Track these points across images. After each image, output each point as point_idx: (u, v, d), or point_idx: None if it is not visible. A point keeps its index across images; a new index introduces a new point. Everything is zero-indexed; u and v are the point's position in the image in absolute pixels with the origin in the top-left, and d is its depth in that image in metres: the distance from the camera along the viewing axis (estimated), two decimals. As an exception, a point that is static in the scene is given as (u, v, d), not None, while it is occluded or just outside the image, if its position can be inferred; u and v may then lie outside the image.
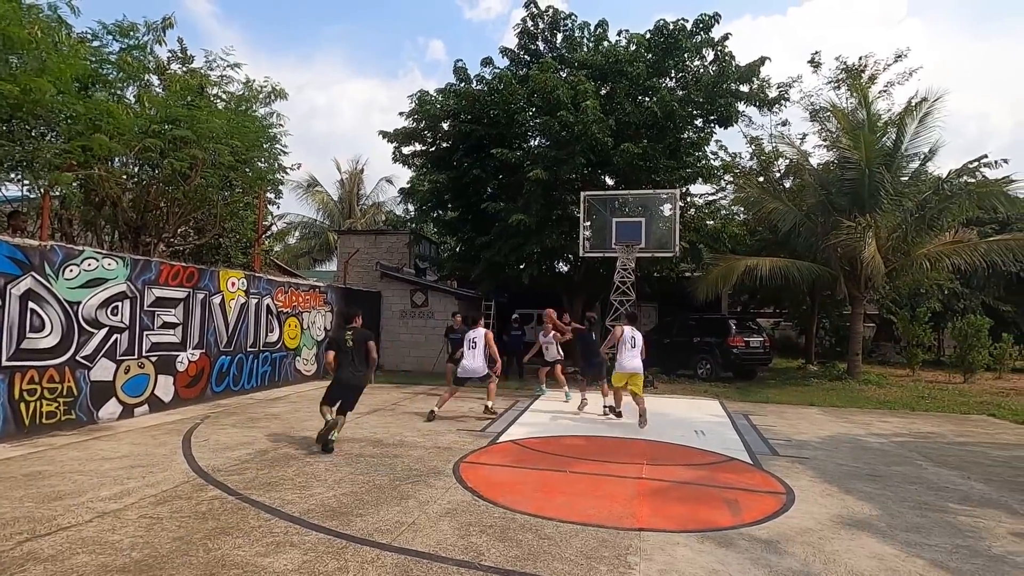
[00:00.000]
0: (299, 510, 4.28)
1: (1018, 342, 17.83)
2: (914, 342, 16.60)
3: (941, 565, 3.55)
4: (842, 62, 18.20)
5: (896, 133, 13.84)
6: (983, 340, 15.37)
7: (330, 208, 31.11)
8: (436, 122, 15.66)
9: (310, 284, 12.97)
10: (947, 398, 11.59)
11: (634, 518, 4.28)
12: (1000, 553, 3.76)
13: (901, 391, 12.54)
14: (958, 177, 15.03)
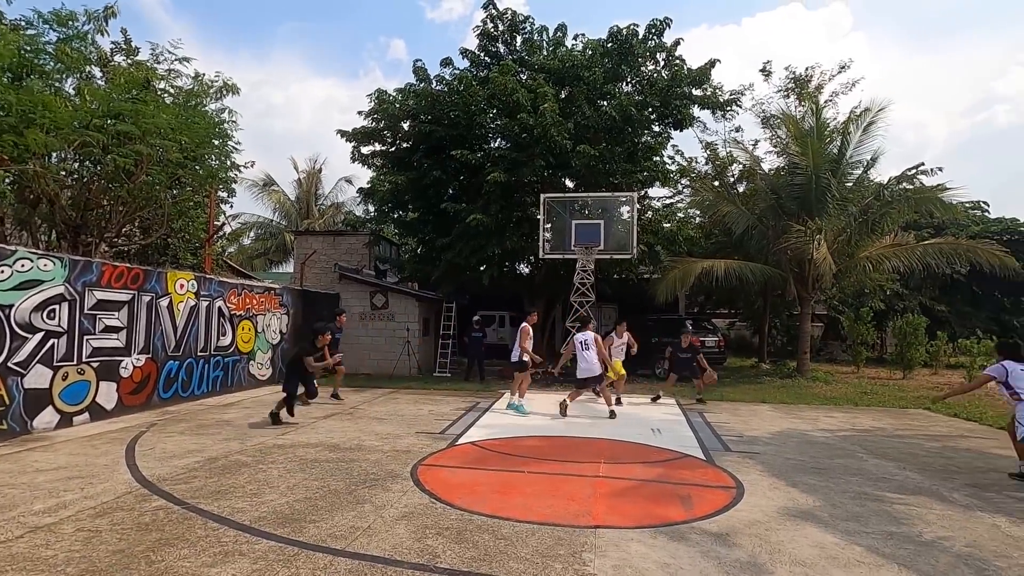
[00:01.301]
0: (250, 518, 4.16)
1: (951, 340, 18.92)
2: (858, 341, 17.40)
3: (877, 551, 3.73)
4: (791, 72, 18.97)
5: (841, 141, 14.49)
6: (920, 338, 16.25)
7: (287, 208, 30.37)
8: (396, 122, 15.50)
9: (265, 286, 12.62)
10: (888, 393, 12.20)
11: (590, 516, 4.33)
12: (931, 539, 3.98)
13: (846, 387, 13.12)
14: (898, 184, 15.88)
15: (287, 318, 12.95)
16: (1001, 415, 9.54)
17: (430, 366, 15.57)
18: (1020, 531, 4.17)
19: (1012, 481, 5.60)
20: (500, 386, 12.71)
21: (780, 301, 19.50)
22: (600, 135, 14.20)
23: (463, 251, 14.17)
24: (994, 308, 21.05)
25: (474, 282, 15.26)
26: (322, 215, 30.54)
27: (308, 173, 31.64)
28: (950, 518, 4.43)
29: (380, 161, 16.67)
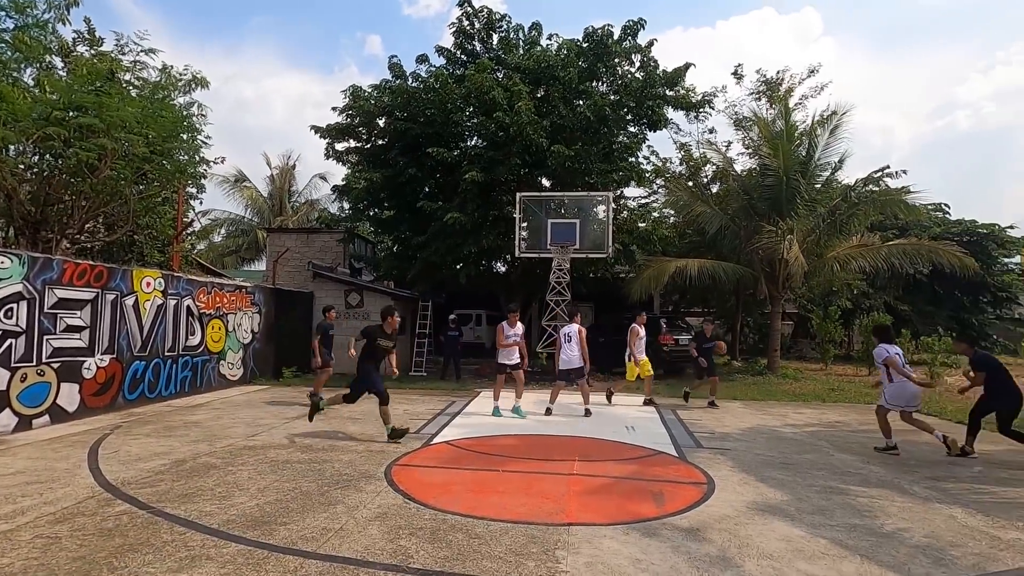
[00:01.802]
0: (218, 521, 4.07)
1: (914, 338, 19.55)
2: (827, 339, 17.84)
3: (840, 543, 3.84)
4: (762, 75, 19.34)
5: (809, 143, 14.83)
6: (885, 336, 16.72)
7: (259, 205, 29.79)
8: (371, 119, 15.35)
9: (235, 284, 12.37)
10: (854, 390, 12.54)
11: (564, 514, 4.36)
12: (891, 531, 4.11)
13: (815, 384, 13.44)
14: (864, 186, 16.34)
15: (259, 317, 12.72)
16: (962, 408, 9.90)
17: (406, 365, 15.44)
18: (975, 521, 4.33)
19: (973, 472, 5.81)
20: (476, 385, 12.70)
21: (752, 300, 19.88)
22: (576, 135, 14.28)
23: (439, 249, 14.10)
24: (954, 307, 21.80)
25: (450, 281, 15.21)
26: (296, 212, 30.05)
27: (281, 169, 31.09)
28: (910, 510, 4.58)
29: (355, 158, 16.49)
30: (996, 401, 6.28)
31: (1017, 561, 3.60)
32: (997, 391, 6.27)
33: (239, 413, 8.73)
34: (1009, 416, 6.19)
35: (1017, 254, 25.05)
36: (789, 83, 19.15)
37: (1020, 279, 23.99)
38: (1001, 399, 6.22)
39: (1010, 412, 6.18)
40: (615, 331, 15.81)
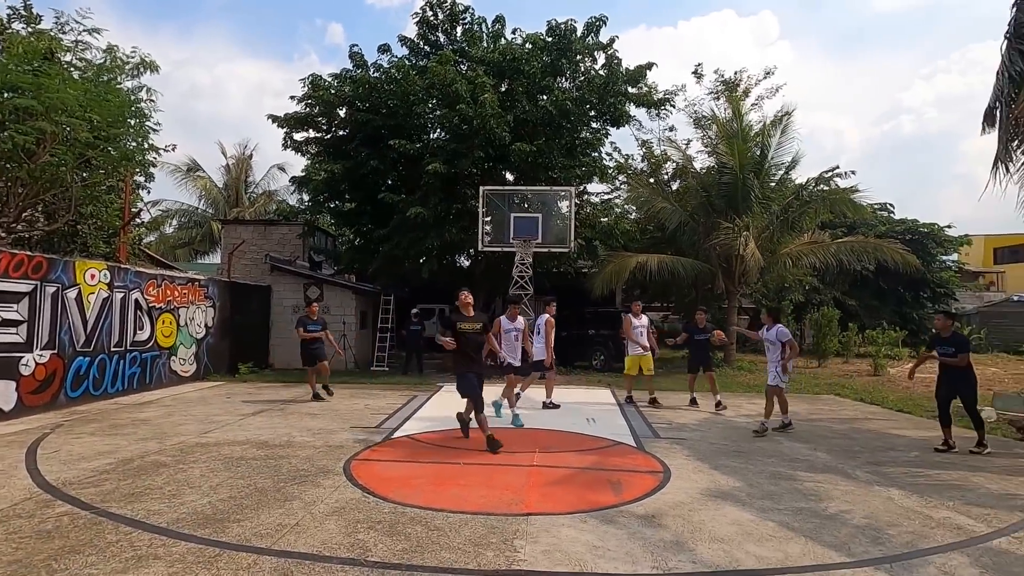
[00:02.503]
0: (167, 520, 3.94)
1: (860, 331, 20.47)
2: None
3: (787, 526, 4.00)
4: (720, 75, 19.81)
5: (763, 143, 15.31)
6: (834, 330, 17.51)
7: (214, 195, 28.74)
8: (331, 109, 15.02)
9: (188, 277, 11.93)
10: (804, 381, 13.05)
11: (523, 504, 4.39)
12: (834, 513, 4.31)
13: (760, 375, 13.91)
14: (816, 185, 16.97)
15: (213, 311, 12.31)
16: (903, 398, 10.45)
17: (367, 360, 15.26)
18: (910, 502, 4.59)
19: (910, 457, 6.14)
20: (439, 379, 12.64)
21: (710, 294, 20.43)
22: (539, 129, 14.33)
23: (401, 243, 13.94)
24: (897, 302, 22.91)
25: (413, 274, 15.07)
26: (252, 204, 29.13)
27: (237, 159, 30.07)
28: (852, 493, 4.81)
29: (315, 149, 16.11)
30: (964, 385, 6.33)
31: (947, 538, 3.83)
32: (965, 375, 6.33)
33: (191, 410, 8.45)
34: (976, 398, 6.38)
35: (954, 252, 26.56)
36: (746, 84, 19.69)
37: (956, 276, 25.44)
38: (968, 383, 6.33)
39: (976, 395, 6.39)
40: (577, 325, 16.01)
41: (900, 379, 14.00)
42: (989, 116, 7.50)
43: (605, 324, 15.31)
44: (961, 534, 3.90)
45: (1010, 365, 17.38)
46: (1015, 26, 6.94)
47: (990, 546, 3.71)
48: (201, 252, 28.65)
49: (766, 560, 3.44)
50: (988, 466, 5.78)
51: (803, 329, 23.73)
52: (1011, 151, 7.22)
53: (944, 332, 6.57)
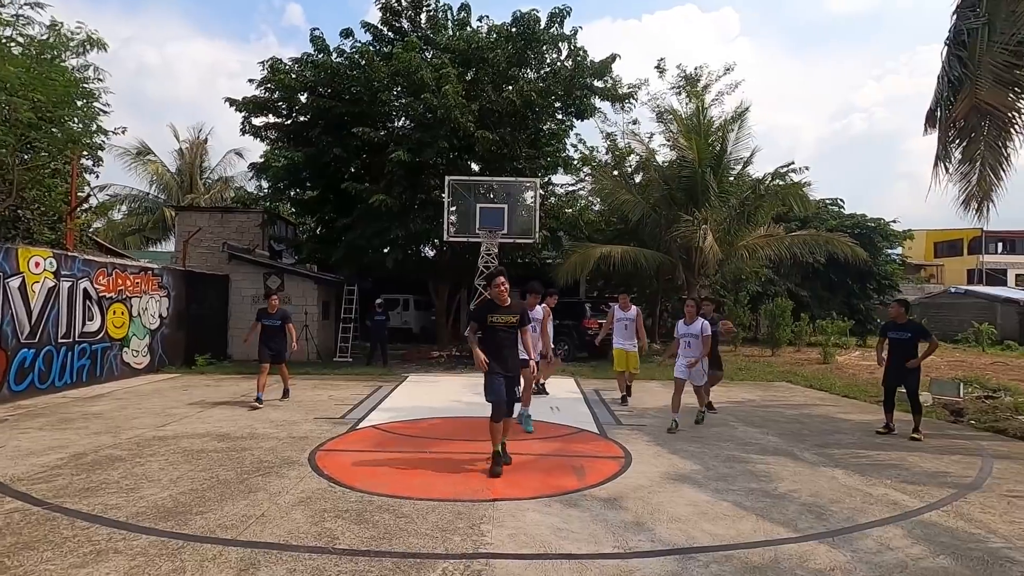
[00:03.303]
0: (126, 514, 3.86)
1: (812, 321, 21.37)
2: (737, 322, 19.15)
3: (740, 505, 4.22)
4: (682, 70, 20.16)
5: (723, 138, 15.72)
6: (787, 320, 18.23)
7: (167, 181, 27.59)
8: (292, 94, 14.62)
9: (141, 266, 11.49)
10: (759, 369, 13.59)
11: (489, 491, 4.48)
12: (783, 492, 4.56)
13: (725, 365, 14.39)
14: (772, 180, 17.53)
15: (168, 301, 11.91)
16: (848, 385, 11.01)
17: (330, 351, 15.05)
18: (852, 481, 4.89)
19: (850, 439, 6.51)
20: (403, 370, 12.60)
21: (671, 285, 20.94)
22: (504, 119, 14.31)
23: (365, 233, 13.77)
24: (847, 293, 23.98)
25: (377, 264, 14.90)
26: (208, 190, 28.10)
27: (192, 143, 28.89)
28: (800, 474, 5.10)
29: (274, 134, 15.68)
30: (912, 374, 6.64)
31: (884, 513, 4.12)
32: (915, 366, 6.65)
33: (147, 403, 8.21)
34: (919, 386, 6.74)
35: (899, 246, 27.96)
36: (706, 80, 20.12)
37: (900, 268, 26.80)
38: (916, 372, 6.66)
39: (919, 383, 6.75)
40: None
41: (848, 366, 14.73)
42: (931, 118, 7.93)
43: (569, 314, 15.51)
44: (896, 509, 4.20)
45: (947, 353, 18.47)
46: (954, 33, 7.34)
47: (922, 519, 4.01)
48: (153, 240, 27.53)
49: (720, 537, 3.63)
50: (923, 447, 6.20)
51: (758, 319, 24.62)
52: (950, 152, 7.66)
53: (899, 320, 6.90)
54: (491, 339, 4.94)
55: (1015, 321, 23.30)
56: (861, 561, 3.31)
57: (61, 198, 10.54)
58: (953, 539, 3.65)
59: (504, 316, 4.97)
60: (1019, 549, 3.51)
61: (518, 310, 5.10)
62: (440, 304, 16.66)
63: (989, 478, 5.04)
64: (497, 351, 4.91)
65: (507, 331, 4.99)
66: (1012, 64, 6.66)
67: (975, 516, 4.08)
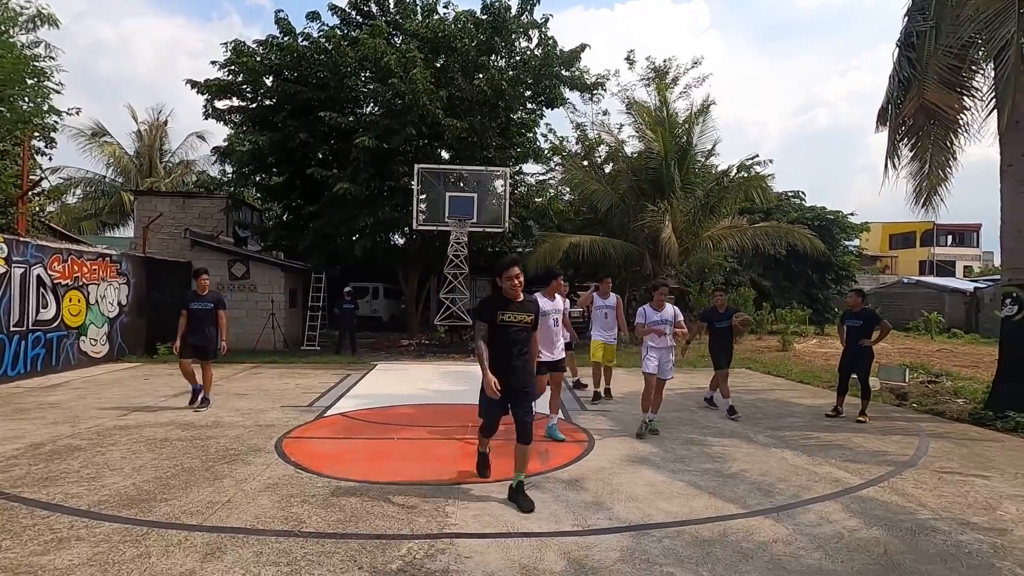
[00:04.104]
0: (88, 503, 3.84)
1: (773, 310, 22.10)
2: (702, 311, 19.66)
3: (694, 484, 4.44)
4: (651, 62, 20.39)
5: (689, 130, 16.02)
6: (749, 309, 18.81)
7: (124, 164, 26.58)
8: (257, 77, 14.28)
9: (98, 252, 11.15)
10: (720, 356, 14.01)
11: (456, 475, 4.60)
12: (735, 472, 4.80)
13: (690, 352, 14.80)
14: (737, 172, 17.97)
15: (127, 288, 11.60)
16: (804, 371, 11.48)
17: (298, 340, 14.90)
18: (800, 461, 5.18)
19: (801, 422, 6.84)
20: (372, 358, 12.58)
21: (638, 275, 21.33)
22: (474, 108, 14.28)
23: (333, 220, 13.63)
24: (806, 283, 24.83)
25: (346, 252, 14.77)
26: (169, 174, 27.20)
27: (151, 125, 27.87)
28: (752, 455, 5.36)
29: (238, 118, 15.31)
30: (865, 360, 6.97)
31: (826, 490, 4.39)
32: (868, 351, 6.98)
33: (106, 392, 8.04)
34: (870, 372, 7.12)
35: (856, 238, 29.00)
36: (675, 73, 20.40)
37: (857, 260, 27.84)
38: (869, 359, 7.01)
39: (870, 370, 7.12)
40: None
41: (805, 353, 15.32)
42: (882, 116, 8.28)
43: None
44: (838, 486, 4.48)
45: (898, 341, 19.36)
46: (905, 35, 7.67)
47: (860, 495, 4.29)
48: (111, 225, 26.57)
49: (673, 514, 3.83)
50: (867, 429, 6.57)
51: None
52: (899, 149, 8.03)
53: (855, 308, 7.24)
54: (501, 343, 4.05)
55: (961, 310, 24.53)
56: (801, 533, 3.54)
57: (12, 181, 10.14)
58: (886, 512, 3.93)
59: (517, 313, 4.08)
60: (944, 520, 3.81)
61: (532, 307, 4.26)
62: (410, 292, 16.63)
63: (924, 456, 5.40)
64: (506, 358, 4.03)
65: (520, 332, 4.09)
66: (956, 67, 7.01)
67: (908, 491, 4.39)
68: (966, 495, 4.32)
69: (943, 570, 3.11)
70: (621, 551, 3.27)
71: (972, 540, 3.50)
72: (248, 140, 14.52)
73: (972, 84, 7.45)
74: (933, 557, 3.26)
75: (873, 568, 3.12)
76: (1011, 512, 3.99)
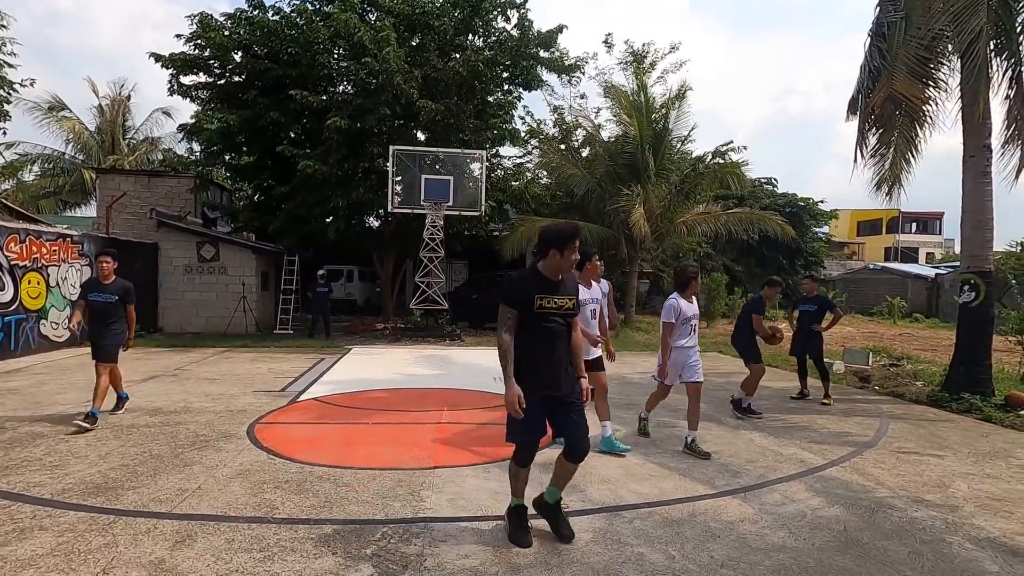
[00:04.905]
0: (51, 491, 3.75)
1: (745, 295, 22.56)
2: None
3: (665, 466, 4.54)
4: (630, 46, 20.34)
5: (666, 116, 16.08)
6: (722, 293, 19.17)
7: (85, 140, 25.51)
8: (225, 52, 13.78)
9: (58, 232, 10.74)
10: (693, 340, 14.27)
11: (431, 459, 4.61)
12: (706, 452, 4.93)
13: (661, 335, 15.04)
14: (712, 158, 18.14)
15: (90, 270, 11.21)
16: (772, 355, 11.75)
17: (270, 323, 14.66)
18: (767, 442, 5.33)
19: (769, 404, 7.03)
20: (347, 342, 12.47)
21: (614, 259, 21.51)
22: (451, 89, 14.07)
23: (306, 201, 13.36)
24: (777, 269, 25.34)
25: (319, 234, 14.51)
26: (133, 151, 26.22)
27: (113, 100, 26.71)
28: (722, 437, 5.50)
29: (206, 95, 14.79)
30: (813, 343, 7.18)
31: (791, 470, 4.54)
32: (816, 333, 7.18)
33: (70, 378, 7.82)
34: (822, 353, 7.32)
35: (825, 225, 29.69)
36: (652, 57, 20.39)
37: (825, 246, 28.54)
38: (818, 341, 7.22)
39: (822, 350, 7.32)
40: (488, 288, 16.32)
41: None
42: (852, 105, 8.43)
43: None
44: (803, 466, 4.63)
45: (864, 325, 19.99)
46: (877, 25, 7.79)
47: (823, 474, 4.45)
48: (71, 204, 25.56)
49: (644, 496, 3.92)
50: (831, 411, 6.79)
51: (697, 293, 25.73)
52: (867, 138, 8.20)
53: (810, 293, 7.50)
54: (537, 337, 3.07)
55: (923, 296, 25.39)
56: (767, 512, 3.66)
57: (-38, 157, 9.63)
58: (847, 491, 4.08)
59: (561, 298, 3.12)
60: (901, 498, 3.98)
61: (574, 286, 3.27)
62: (385, 276, 16.46)
63: (884, 437, 5.61)
64: (545, 355, 3.09)
65: (562, 323, 3.14)
66: (924, 59, 7.15)
67: (868, 470, 4.56)
68: (922, 474, 4.51)
69: (898, 545, 3.25)
70: (593, 532, 3.33)
71: (926, 517, 3.66)
72: (217, 118, 14.05)
73: (939, 76, 7.64)
74: (889, 533, 3.41)
75: (833, 544, 3.25)
76: (962, 490, 4.18)
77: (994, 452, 5.19)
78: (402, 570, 2.85)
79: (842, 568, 3.00)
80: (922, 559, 3.11)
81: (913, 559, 3.11)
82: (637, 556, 3.07)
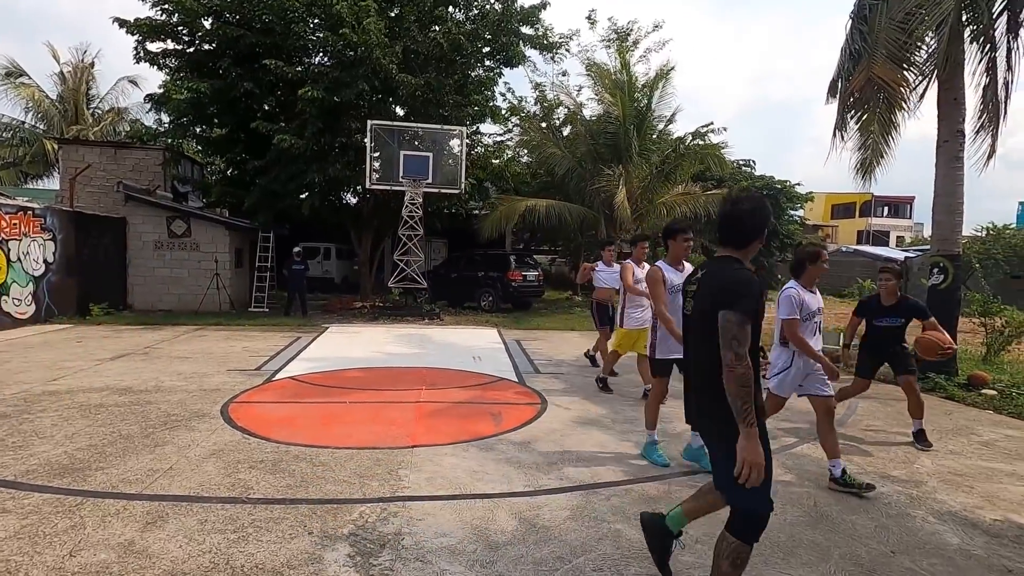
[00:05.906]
0: (14, 472, 3.63)
1: (720, 275, 22.88)
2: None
3: (639, 445, 4.59)
4: (613, 24, 20.10)
5: (649, 96, 16.00)
6: (699, 273, 19.38)
7: (46, 108, 24.39)
8: (194, 18, 13.19)
9: (19, 205, 10.30)
10: (670, 320, 14.44)
11: (409, 438, 4.59)
12: (679, 432, 4.99)
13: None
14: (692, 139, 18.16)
15: (54, 245, 10.82)
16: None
17: (245, 301, 14.38)
18: (741, 420, 5.43)
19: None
20: (324, 320, 12.31)
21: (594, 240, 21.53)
22: (431, 63, 13.75)
23: (280, 177, 13.01)
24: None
25: (294, 211, 14.18)
26: (98, 122, 25.17)
27: (75, 67, 25.51)
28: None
29: (174, 63, 14.18)
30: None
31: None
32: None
33: (34, 356, 7.57)
34: None
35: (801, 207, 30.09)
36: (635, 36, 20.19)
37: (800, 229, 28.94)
38: None
39: None
40: (467, 266, 16.23)
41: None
42: (832, 88, 8.47)
43: (494, 266, 15.63)
44: (776, 444, 4.72)
45: (835, 306, 20.42)
46: (859, 7, 7.79)
47: (795, 452, 4.56)
48: (32, 176, 24.53)
49: (622, 474, 3.96)
50: (803, 389, 6.94)
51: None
52: (846, 121, 8.26)
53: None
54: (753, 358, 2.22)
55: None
56: (740, 489, 3.73)
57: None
58: (818, 468, 4.18)
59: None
60: (868, 474, 4.09)
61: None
62: (363, 254, 16.22)
63: (853, 415, 5.77)
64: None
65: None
66: (904, 43, 7.19)
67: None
68: (888, 450, 4.65)
69: (865, 520, 3.35)
70: (571, 510, 3.36)
71: (891, 492, 3.78)
72: (187, 87, 13.51)
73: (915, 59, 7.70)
74: (857, 508, 3.51)
75: (804, 519, 3.34)
76: (926, 465, 4.33)
77: (956, 429, 5.38)
78: (380, 549, 2.84)
79: (812, 542, 3.08)
80: (888, 532, 3.21)
81: (879, 532, 3.21)
82: (614, 532, 3.10)
